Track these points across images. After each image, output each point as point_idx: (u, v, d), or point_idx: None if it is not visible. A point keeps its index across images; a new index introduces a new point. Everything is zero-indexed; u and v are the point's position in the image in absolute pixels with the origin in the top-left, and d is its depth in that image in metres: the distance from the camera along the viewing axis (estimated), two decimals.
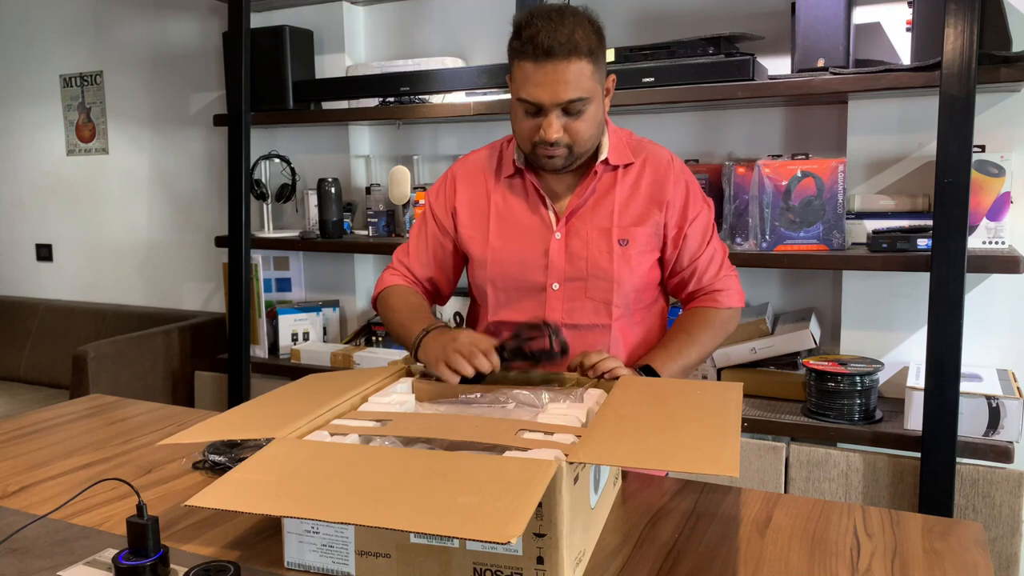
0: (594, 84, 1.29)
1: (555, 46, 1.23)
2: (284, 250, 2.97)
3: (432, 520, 0.76)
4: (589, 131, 1.32)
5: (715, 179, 2.32)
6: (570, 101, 1.27)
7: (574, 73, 1.25)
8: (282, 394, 1.25)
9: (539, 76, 1.26)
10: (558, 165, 1.35)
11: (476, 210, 1.47)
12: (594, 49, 1.28)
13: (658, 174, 1.41)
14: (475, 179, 1.49)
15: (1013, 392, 1.88)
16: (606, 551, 0.99)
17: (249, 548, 1.00)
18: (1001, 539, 1.85)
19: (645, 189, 1.40)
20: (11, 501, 1.17)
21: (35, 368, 3.54)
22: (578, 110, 1.29)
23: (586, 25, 1.28)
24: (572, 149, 1.32)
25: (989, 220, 2.01)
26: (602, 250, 1.38)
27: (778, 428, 2.04)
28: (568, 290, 1.40)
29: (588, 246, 1.38)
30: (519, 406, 1.14)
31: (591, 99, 1.29)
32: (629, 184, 1.41)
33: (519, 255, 1.42)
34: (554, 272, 1.40)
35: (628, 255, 1.38)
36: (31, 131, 3.70)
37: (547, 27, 1.24)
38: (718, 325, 1.44)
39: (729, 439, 0.93)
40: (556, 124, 1.28)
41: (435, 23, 2.79)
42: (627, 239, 1.38)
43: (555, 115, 1.28)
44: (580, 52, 1.25)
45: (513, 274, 1.42)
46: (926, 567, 0.94)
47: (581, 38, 1.25)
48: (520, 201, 1.44)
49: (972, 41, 1.78)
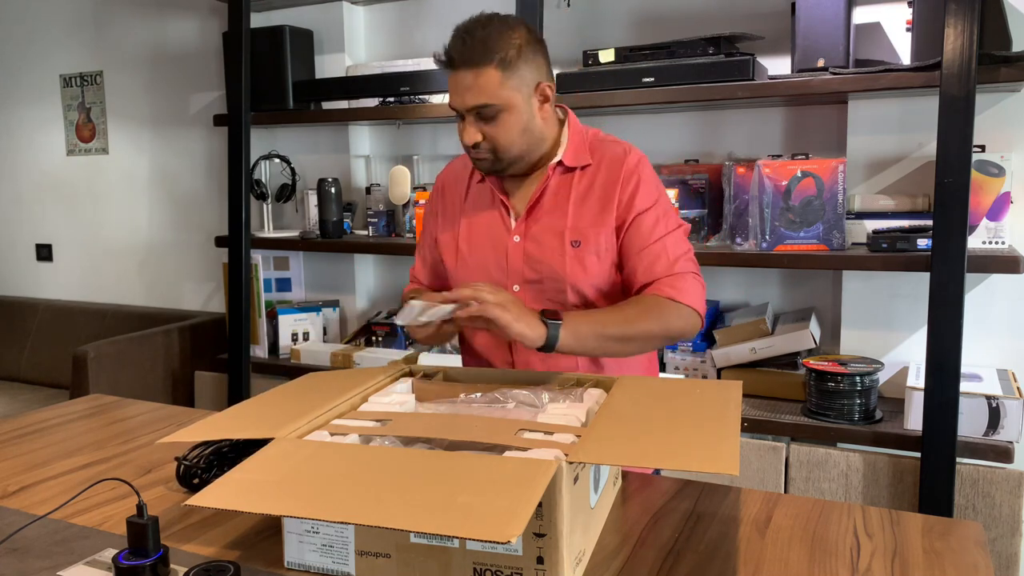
0: (509, 92, 1.31)
1: (457, 56, 1.30)
2: (284, 250, 2.97)
3: (432, 520, 0.76)
4: (507, 137, 1.34)
5: (715, 179, 2.32)
6: (476, 107, 1.31)
7: (476, 81, 1.29)
8: (282, 393, 1.25)
9: (451, 83, 1.33)
10: (486, 168, 1.39)
11: (451, 217, 1.51)
12: (511, 59, 1.30)
13: (612, 173, 1.40)
14: (454, 187, 1.53)
15: (1013, 392, 1.88)
16: (606, 551, 0.99)
17: (249, 548, 1.00)
18: (1001, 539, 1.85)
19: (599, 189, 1.40)
20: (11, 501, 1.17)
21: (35, 368, 3.54)
22: (491, 116, 1.32)
23: (507, 35, 1.30)
24: (496, 153, 1.35)
25: (989, 220, 2.01)
26: (555, 252, 1.39)
27: (778, 428, 2.04)
28: (528, 292, 1.41)
29: (542, 248, 1.40)
30: (519, 406, 1.14)
31: (504, 107, 1.31)
32: (584, 185, 1.41)
33: (483, 259, 1.45)
34: (513, 274, 1.42)
35: (581, 256, 1.38)
36: (31, 131, 3.70)
37: (459, 37, 1.31)
38: (658, 312, 1.32)
39: (729, 438, 0.93)
40: (470, 129, 1.34)
41: (435, 23, 2.79)
42: (579, 240, 1.38)
43: (469, 120, 1.34)
44: (483, 62, 1.29)
45: (479, 277, 1.45)
46: (926, 567, 0.94)
47: (495, 47, 1.29)
48: (485, 205, 1.47)
49: (972, 41, 1.78)
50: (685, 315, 1.34)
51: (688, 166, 2.38)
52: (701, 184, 2.30)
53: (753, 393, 2.21)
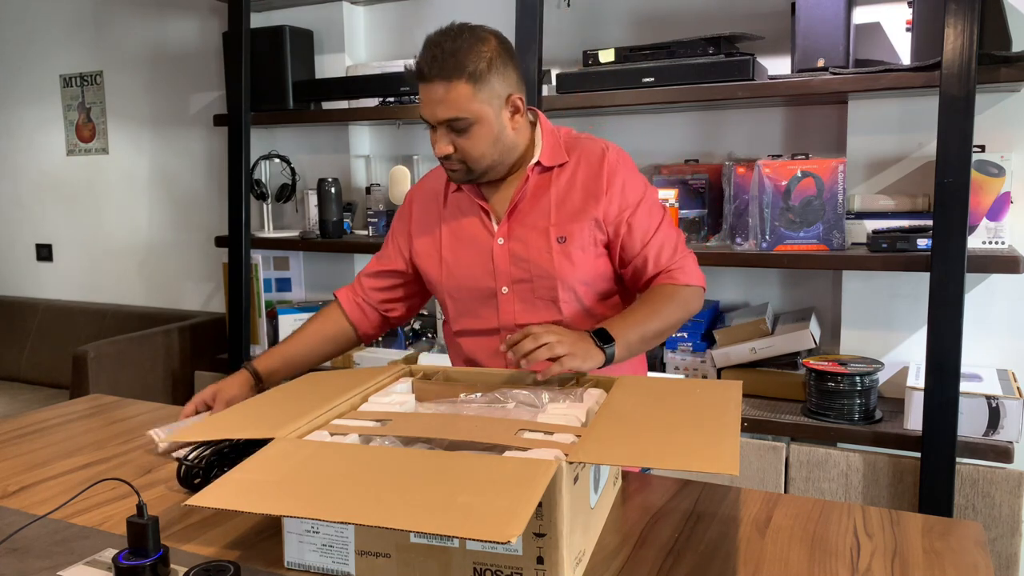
0: (479, 105, 1.31)
1: (427, 69, 1.30)
2: (284, 250, 2.97)
3: (432, 520, 0.76)
4: (478, 149, 1.34)
5: (715, 179, 2.32)
6: (447, 120, 1.31)
7: (447, 95, 1.30)
8: (282, 393, 1.25)
9: (423, 94, 1.33)
10: (459, 179, 1.40)
11: (428, 231, 1.52)
12: (481, 72, 1.30)
13: (592, 168, 1.42)
14: (427, 202, 1.54)
15: (1013, 392, 1.88)
16: (606, 551, 0.99)
17: (249, 548, 1.00)
18: (1001, 539, 1.85)
19: (580, 184, 1.42)
20: (11, 501, 1.18)
21: (35, 368, 3.54)
22: (462, 128, 1.32)
23: (476, 48, 1.30)
24: (467, 164, 1.36)
25: (989, 220, 2.01)
26: (541, 249, 1.40)
27: (778, 428, 2.04)
28: (517, 292, 1.43)
29: (528, 247, 1.41)
30: (519, 406, 1.14)
31: (475, 120, 1.32)
32: (564, 182, 1.43)
33: (468, 265, 1.46)
34: (501, 276, 1.43)
35: (568, 251, 1.40)
36: (31, 131, 3.70)
37: (427, 51, 1.31)
38: (680, 300, 1.41)
39: (729, 438, 0.93)
40: (441, 141, 1.34)
41: (435, 23, 2.75)
42: (564, 236, 1.40)
43: (440, 132, 1.34)
44: (453, 76, 1.29)
45: (466, 284, 1.47)
46: (926, 567, 0.94)
47: (465, 61, 1.29)
48: (465, 213, 1.48)
49: (972, 41, 1.78)
50: (698, 295, 1.45)
51: (688, 166, 2.39)
52: (701, 184, 2.30)
53: (753, 393, 2.21)
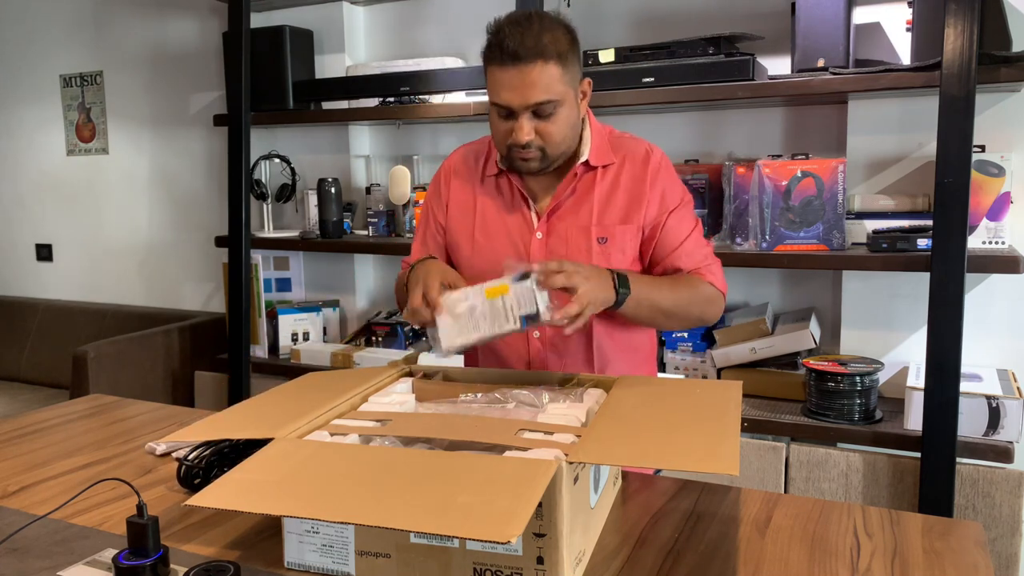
0: (565, 88, 1.30)
1: (521, 50, 1.26)
2: (284, 250, 2.97)
3: (432, 520, 0.76)
4: (561, 133, 1.33)
5: (715, 179, 2.32)
6: (538, 104, 1.29)
7: (541, 76, 1.27)
8: (282, 393, 1.25)
9: (507, 80, 1.28)
10: (533, 168, 1.37)
11: (464, 206, 1.50)
12: (564, 53, 1.29)
13: (636, 170, 1.42)
14: (464, 176, 1.51)
15: (1013, 392, 1.88)
16: (606, 551, 0.99)
17: (249, 548, 1.00)
18: (1001, 539, 1.85)
19: (624, 186, 1.42)
20: (11, 501, 1.17)
21: (35, 368, 3.54)
22: (548, 113, 1.30)
23: (556, 29, 1.29)
24: (545, 151, 1.34)
25: (989, 220, 2.01)
26: (581, 248, 1.40)
27: (778, 428, 2.04)
28: None
29: (568, 245, 1.41)
30: (519, 406, 1.14)
31: (561, 102, 1.30)
32: (609, 183, 1.42)
33: (501, 252, 1.44)
34: None
35: (607, 252, 1.39)
36: (31, 131, 3.70)
37: (514, 32, 1.26)
38: (701, 295, 1.40)
39: (729, 438, 0.93)
40: (527, 127, 1.30)
41: (435, 23, 2.79)
42: (606, 237, 1.40)
43: (525, 118, 1.30)
44: (547, 56, 1.26)
45: (496, 269, 1.43)
46: (926, 567, 0.94)
47: (549, 42, 1.27)
48: (503, 200, 1.46)
49: (972, 41, 1.78)
50: (719, 299, 1.44)
51: (688, 166, 2.38)
52: (701, 184, 2.30)
53: (753, 393, 2.21)
